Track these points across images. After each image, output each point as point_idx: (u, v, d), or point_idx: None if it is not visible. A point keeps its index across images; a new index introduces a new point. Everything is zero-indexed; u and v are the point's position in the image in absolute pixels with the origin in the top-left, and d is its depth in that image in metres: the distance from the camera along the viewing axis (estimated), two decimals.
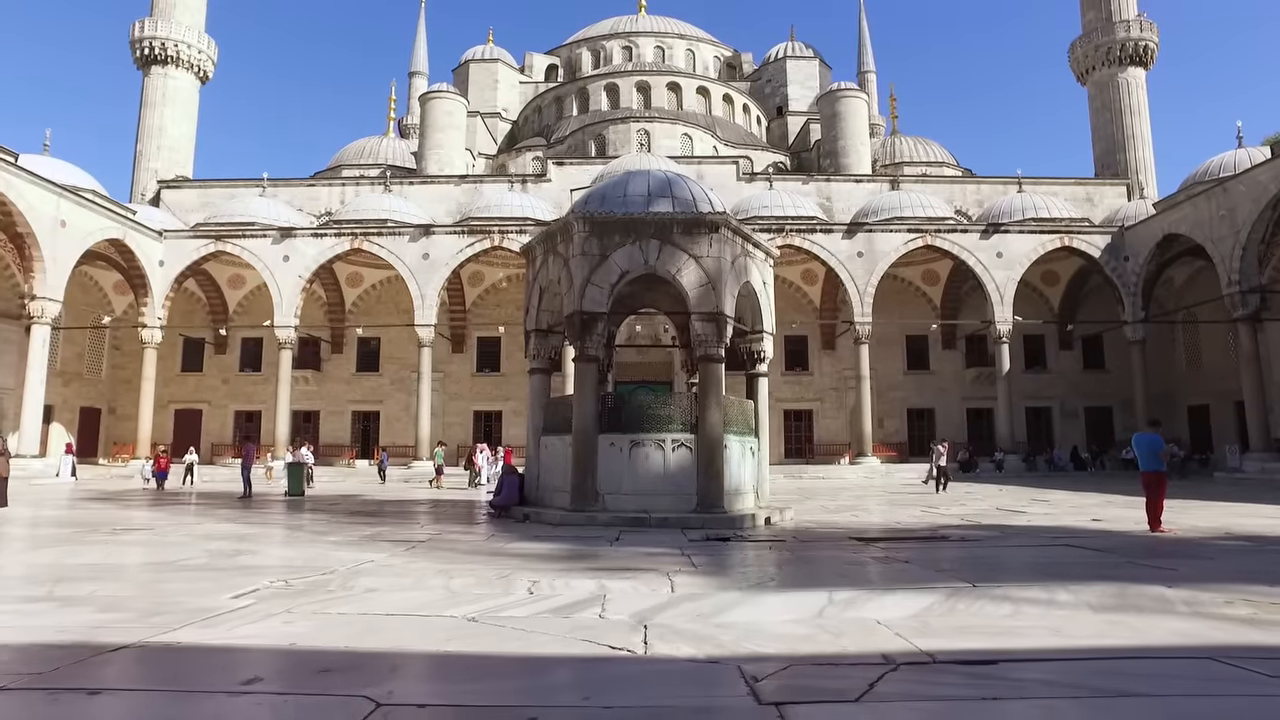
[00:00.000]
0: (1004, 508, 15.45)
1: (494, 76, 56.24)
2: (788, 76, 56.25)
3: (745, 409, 14.09)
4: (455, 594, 5.91)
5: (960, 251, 34.01)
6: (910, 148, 49.96)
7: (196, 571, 6.98)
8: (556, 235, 13.55)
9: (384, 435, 38.69)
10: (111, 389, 37.71)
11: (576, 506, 12.32)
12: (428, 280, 33.83)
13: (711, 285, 12.64)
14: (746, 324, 14.46)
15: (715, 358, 12.71)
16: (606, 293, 12.64)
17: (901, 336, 38.68)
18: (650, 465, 12.57)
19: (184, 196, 40.43)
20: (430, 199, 39.51)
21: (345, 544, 9.20)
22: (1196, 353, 36.42)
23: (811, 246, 34.25)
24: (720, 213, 13.05)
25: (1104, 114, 44.03)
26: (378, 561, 7.70)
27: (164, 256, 33.61)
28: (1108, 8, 44.28)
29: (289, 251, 33.83)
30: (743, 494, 13.38)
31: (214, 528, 11.21)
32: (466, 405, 39.13)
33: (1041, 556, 8.25)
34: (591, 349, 12.71)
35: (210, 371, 39.23)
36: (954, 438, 38.16)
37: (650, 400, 13.13)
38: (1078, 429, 38.16)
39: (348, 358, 39.55)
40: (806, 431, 38.97)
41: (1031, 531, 10.81)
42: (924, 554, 8.45)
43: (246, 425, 39.04)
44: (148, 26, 43.00)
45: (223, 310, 38.91)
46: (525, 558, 8.07)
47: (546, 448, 13.93)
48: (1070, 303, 38.28)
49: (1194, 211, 29.90)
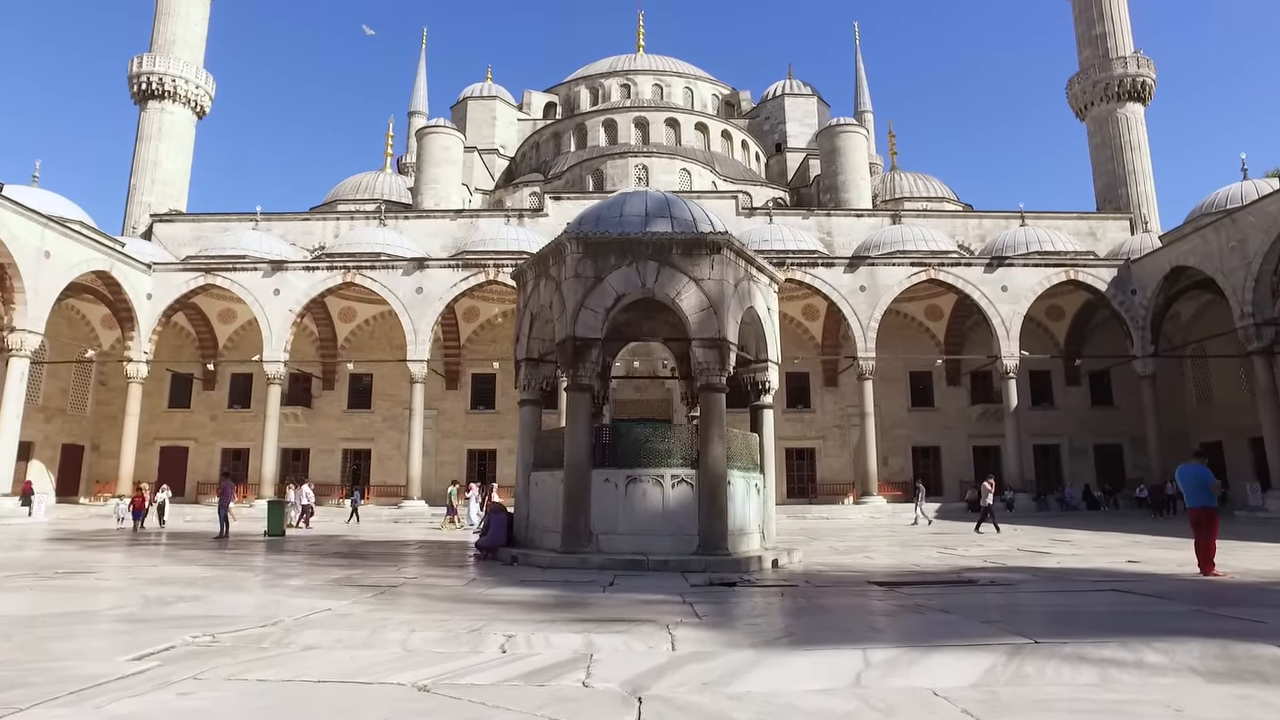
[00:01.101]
0: (1025, 548, 14.46)
1: (492, 113, 56.27)
2: (786, 114, 56.33)
3: (750, 443, 13.19)
4: (412, 653, 4.96)
5: (964, 285, 33.37)
6: (910, 183, 49.70)
7: (113, 624, 6.00)
8: (549, 258, 12.78)
9: (375, 474, 37.61)
10: (96, 425, 36.68)
11: (568, 548, 11.35)
12: (421, 315, 33.09)
13: (713, 309, 11.84)
14: (750, 352, 13.64)
15: (717, 387, 11.85)
16: (601, 317, 11.83)
17: (905, 373, 37.85)
18: (648, 503, 11.63)
19: (176, 230, 39.87)
20: (426, 233, 38.95)
21: (307, 589, 8.24)
22: (1207, 388, 35.59)
23: (813, 280, 33.61)
24: (722, 233, 12.31)
25: (1104, 150, 43.82)
26: (335, 610, 6.75)
27: (152, 289, 32.90)
28: (1104, 45, 44.36)
29: (280, 285, 33.13)
30: (748, 534, 12.42)
31: (169, 571, 10.23)
32: (460, 443, 38.10)
33: (1094, 604, 7.28)
34: (585, 377, 11.86)
35: (198, 408, 38.26)
36: (961, 476, 37.23)
37: (648, 433, 12.22)
38: (1087, 467, 37.12)
39: (339, 394, 38.62)
40: (809, 470, 37.89)
41: (1066, 575, 9.84)
42: (958, 600, 7.49)
43: (234, 463, 37.92)
44: (146, 62, 42.93)
45: (212, 345, 38.10)
46: (504, 606, 7.13)
47: (537, 484, 13.00)
48: (1076, 338, 37.54)
49: (1203, 243, 29.32)
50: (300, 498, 25.37)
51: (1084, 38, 45.47)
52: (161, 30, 44.15)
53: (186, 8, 44.88)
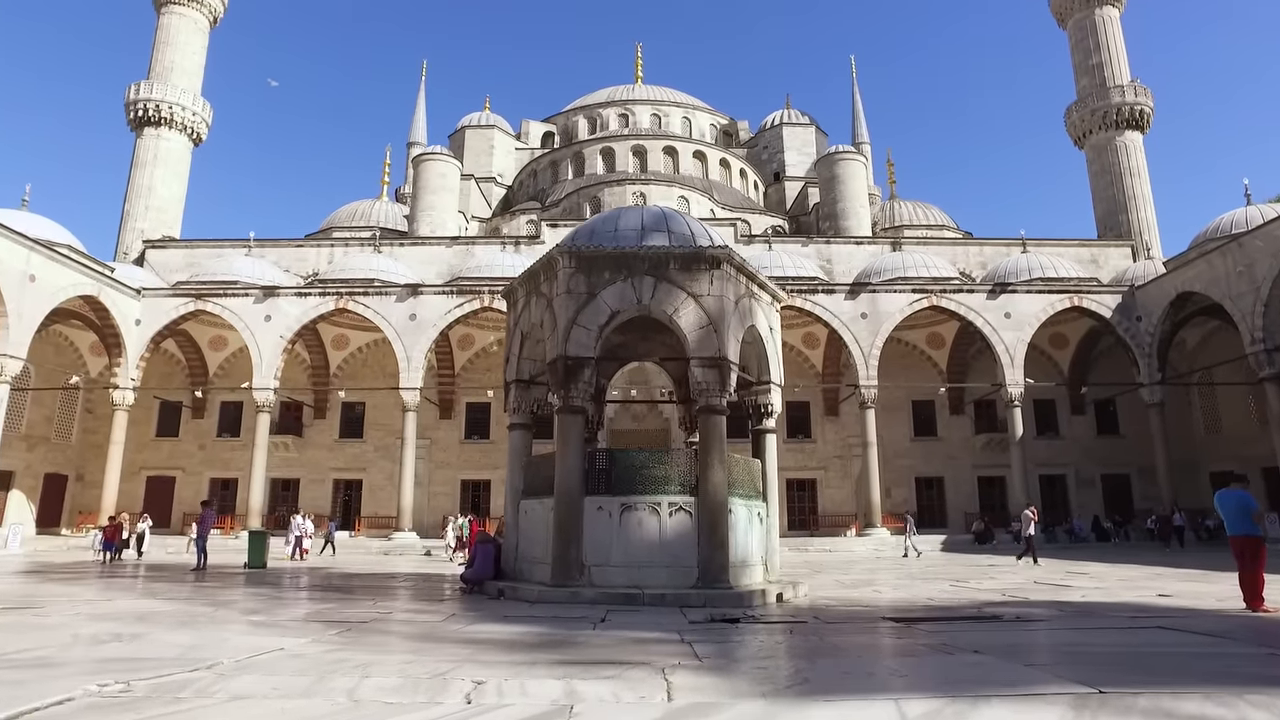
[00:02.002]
0: (1042, 581, 13.68)
1: (490, 142, 56.22)
2: (784, 143, 56.29)
3: (752, 469, 12.48)
4: (358, 704, 4.21)
5: (967, 312, 32.83)
6: (910, 211, 49.48)
7: (19, 670, 5.18)
8: (540, 273, 12.19)
9: (367, 505, 36.72)
10: (81, 454, 35.82)
11: (558, 581, 10.59)
12: (414, 341, 32.48)
13: (713, 327, 11.21)
14: (752, 374, 12.99)
15: (718, 409, 11.18)
16: (594, 335, 11.20)
17: (907, 402, 37.18)
18: (644, 533, 10.89)
19: (169, 257, 39.37)
20: (421, 260, 38.45)
21: (263, 626, 7.48)
22: (1215, 417, 34.93)
23: (813, 308, 33.07)
24: (722, 247, 11.73)
25: (1103, 177, 43.64)
26: (287, 650, 6.00)
27: (141, 315, 32.28)
28: (1101, 74, 44.41)
29: (271, 311, 32.55)
30: (750, 566, 11.66)
31: (122, 605, 9.44)
32: (454, 474, 37.27)
33: (1146, 644, 6.49)
34: (576, 398, 11.19)
35: (186, 437, 37.45)
36: (965, 507, 36.37)
37: (644, 458, 11.51)
38: (1094, 498, 36.27)
39: (331, 423, 37.85)
40: (810, 502, 37.01)
41: (1097, 610, 9.08)
42: (988, 639, 6.75)
43: (222, 493, 36.95)
44: (143, 89, 42.82)
45: (203, 373, 37.41)
46: (481, 645, 6.38)
47: (526, 513, 12.26)
48: (1080, 366, 36.92)
49: (1209, 269, 28.85)
50: (294, 529, 24.64)
51: (1081, 67, 45.56)
52: (160, 58, 44.13)
53: (186, 36, 44.93)
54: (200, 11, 45.65)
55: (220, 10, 46.99)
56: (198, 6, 45.45)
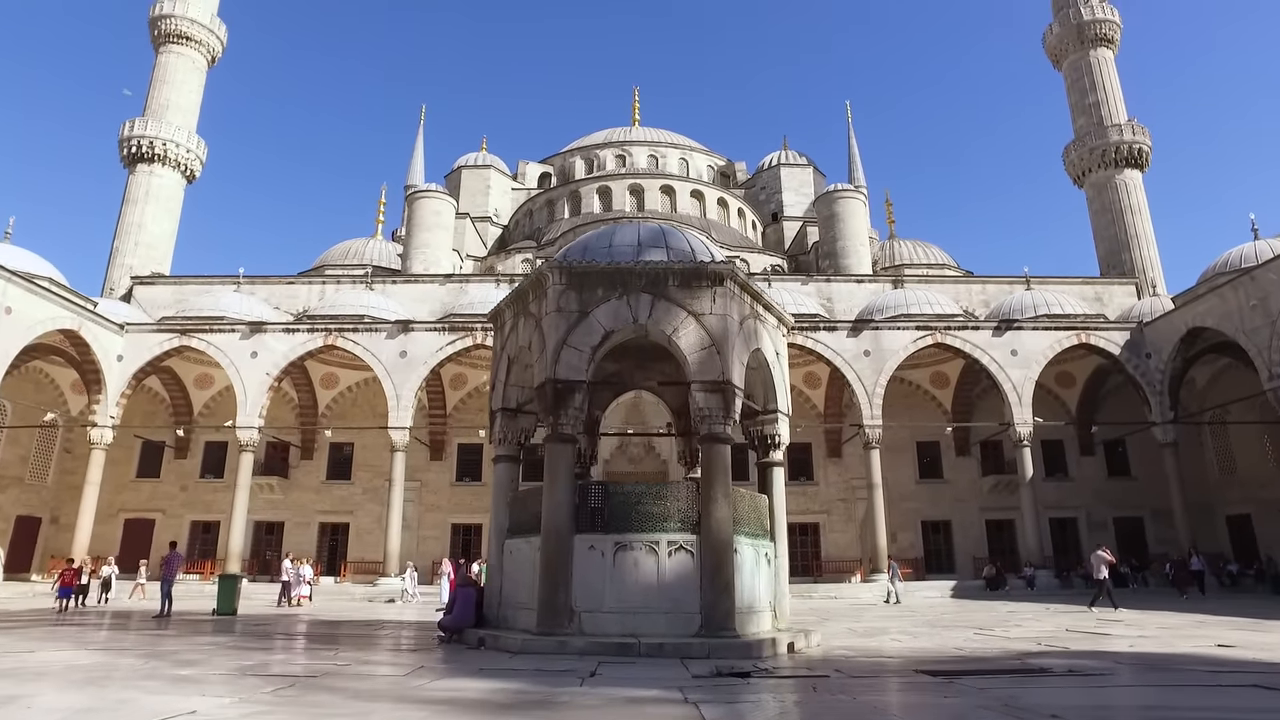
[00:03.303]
0: (1074, 629, 12.56)
1: (486, 182, 56.00)
2: (782, 183, 56.14)
3: (758, 505, 11.44)
4: None
5: (972, 350, 32.00)
6: (910, 250, 49.02)
7: None
8: (528, 292, 11.32)
9: (353, 549, 35.31)
10: (57, 496, 34.48)
11: (544, 628, 9.48)
12: (404, 379, 31.51)
13: (716, 348, 10.30)
14: (757, 402, 12.04)
15: (721, 437, 10.20)
16: (587, 357, 10.27)
17: (912, 443, 36.12)
18: (640, 575, 9.82)
19: (157, 293, 38.53)
20: (414, 298, 37.65)
21: (185, 683, 6.40)
22: (1229, 457, 33.85)
23: (815, 345, 32.22)
24: (725, 262, 10.89)
25: (1104, 215, 43.28)
26: (200, 713, 4.95)
27: (124, 351, 31.31)
28: (1098, 114, 44.39)
29: (257, 347, 31.62)
30: (758, 612, 10.56)
31: (37, 659, 8.25)
32: (444, 517, 35.95)
33: (1252, 709, 5.36)
34: (566, 426, 10.21)
35: (168, 478, 36.14)
36: (974, 552, 35.08)
37: (641, 492, 10.48)
38: (1107, 542, 34.74)
39: (318, 464, 36.63)
40: (813, 546, 35.67)
41: (1162, 663, 8.00)
42: (1059, 699, 5.67)
43: (203, 537, 35.66)
44: (138, 126, 42.53)
45: (187, 412, 36.28)
46: (441, 707, 5.33)
47: (511, 553, 11.18)
48: (1088, 406, 35.97)
49: (1220, 303, 28.12)
50: (283, 574, 23.58)
51: (1077, 106, 45.58)
52: (156, 95, 43.96)
53: (183, 75, 44.85)
54: (199, 51, 45.68)
55: (219, 50, 47.05)
56: (196, 46, 45.50)
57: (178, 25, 44.79)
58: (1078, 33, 45.89)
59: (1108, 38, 45.97)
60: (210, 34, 45.98)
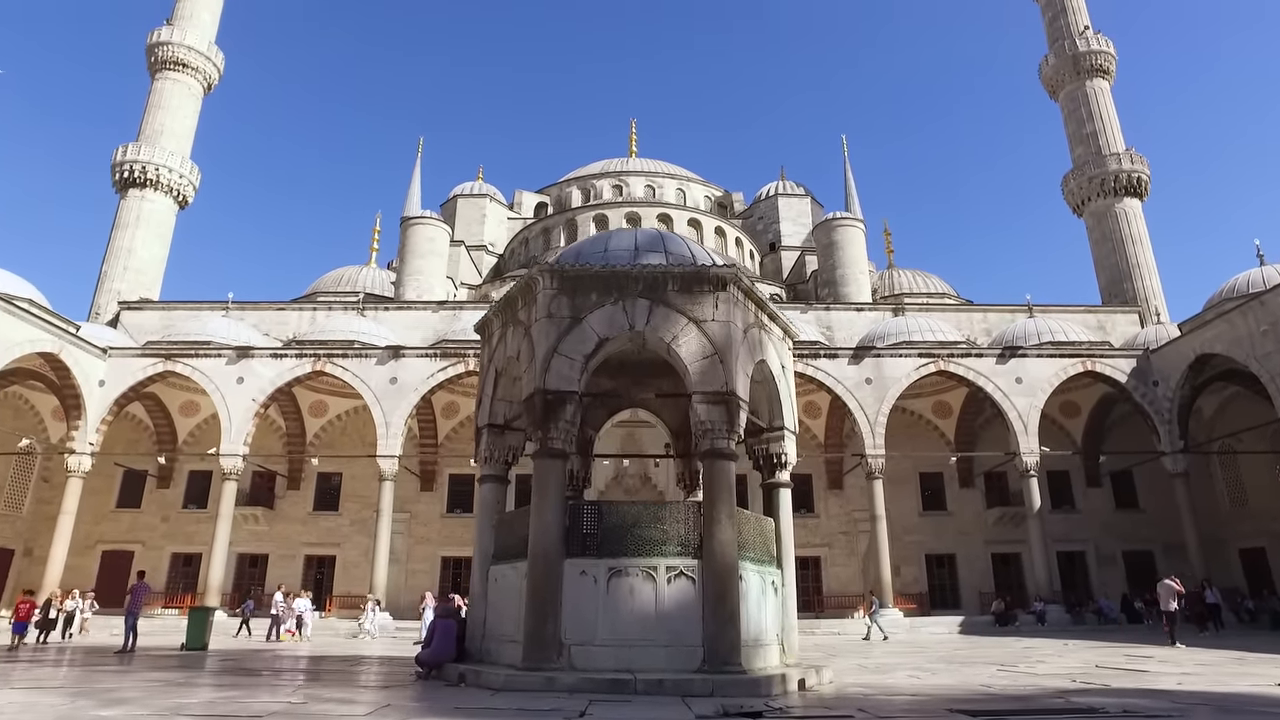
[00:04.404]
0: (1106, 666, 11.66)
1: (482, 211, 55.66)
2: (780, 213, 55.86)
3: (764, 529, 10.60)
4: None
5: (976, 377, 31.28)
6: (909, 280, 48.60)
7: None
8: (517, 299, 10.60)
9: (340, 583, 34.10)
10: (33, 527, 33.29)
11: (530, 663, 8.58)
12: (394, 406, 30.64)
13: (718, 357, 9.56)
14: (762, 418, 11.26)
15: (725, 452, 9.42)
16: (579, 366, 9.52)
17: (914, 474, 35.22)
18: (636, 603, 8.97)
19: (144, 319, 37.74)
20: (406, 325, 36.89)
21: None
22: (1240, 489, 32.98)
23: (815, 373, 31.50)
24: (728, 266, 10.18)
25: (1105, 244, 42.98)
26: None
27: (106, 376, 30.44)
28: (1096, 143, 44.36)
29: (244, 373, 30.79)
30: (764, 646, 9.67)
31: None
32: (434, 550, 34.81)
33: None
34: (557, 440, 9.41)
35: (149, 508, 34.97)
36: (980, 586, 34.00)
37: (637, 512, 9.66)
38: (1117, 576, 33.94)
39: (305, 495, 35.55)
40: (814, 581, 34.51)
41: (1226, 703, 7.16)
42: None
43: (184, 570, 34.42)
44: (131, 151, 42.18)
45: (171, 441, 35.27)
46: None
47: (497, 581, 10.30)
48: (1094, 436, 35.16)
49: (1230, 329, 27.53)
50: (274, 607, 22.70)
51: (1075, 136, 45.57)
52: (150, 121, 43.71)
53: (178, 101, 44.68)
54: (195, 78, 45.58)
55: (215, 78, 46.97)
56: (193, 73, 45.41)
57: (175, 52, 44.73)
58: (1073, 64, 46.08)
59: (1103, 68, 46.14)
60: (207, 61, 45.93)
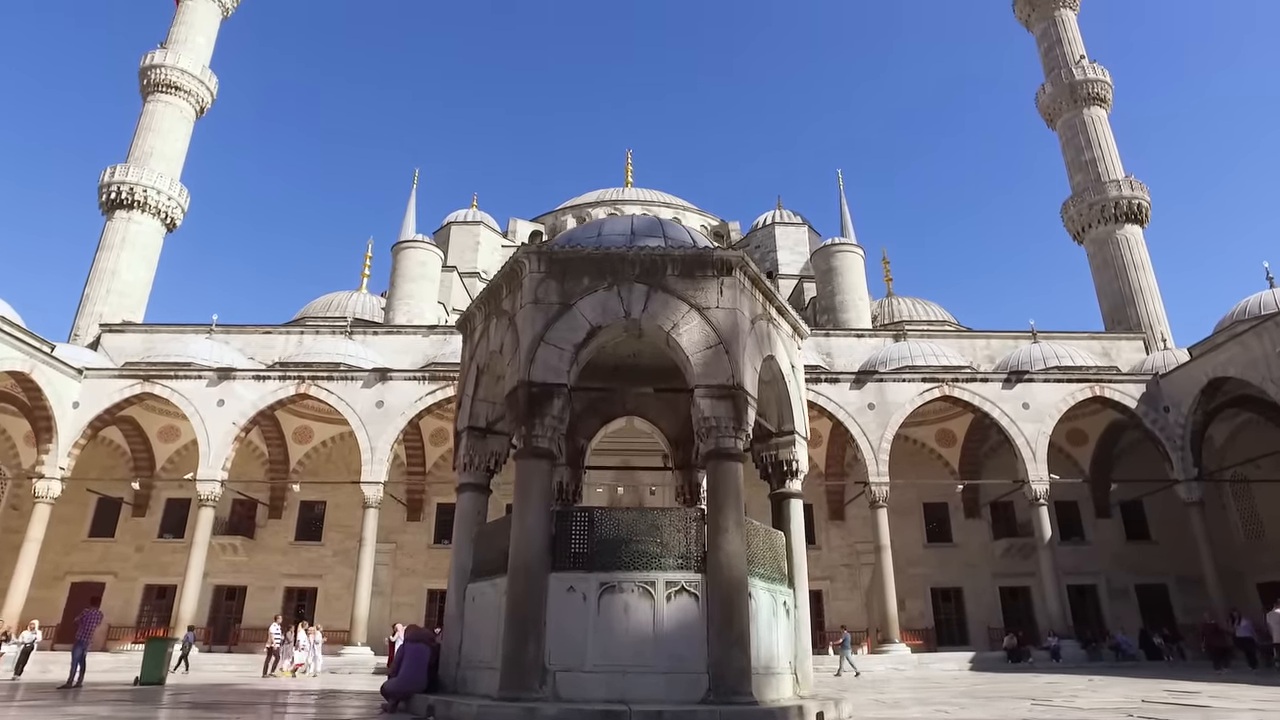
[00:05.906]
0: (1152, 700, 10.52)
1: (475, 238, 54.96)
2: (777, 242, 55.34)
3: (774, 542, 9.51)
4: None
5: (982, 403, 30.28)
6: (909, 307, 47.87)
7: None
8: (501, 287, 9.64)
9: (321, 615, 32.42)
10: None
11: (508, 692, 7.44)
12: (380, 431, 29.48)
13: (723, 347, 8.58)
14: (771, 422, 10.25)
15: (732, 453, 8.38)
16: (568, 356, 8.52)
17: (918, 504, 34.01)
18: (632, 624, 7.85)
19: (126, 342, 36.62)
20: (395, 350, 35.86)
21: None
22: (1256, 521, 31.86)
23: (816, 398, 30.42)
24: (734, 249, 9.24)
25: (1106, 271, 42.41)
26: None
27: (80, 397, 29.24)
28: (1095, 170, 44.06)
29: (225, 395, 29.63)
30: (776, 674, 8.53)
31: None
32: (420, 582, 33.32)
33: None
34: (542, 438, 8.37)
35: (123, 537, 33.47)
36: (988, 621, 32.63)
37: (633, 521, 8.58)
38: (1130, 610, 32.56)
39: (286, 524, 34.13)
40: (816, 615, 33.03)
41: None
42: None
43: (157, 602, 32.82)
44: (119, 172, 41.50)
45: (149, 467, 33.91)
46: None
47: (474, 600, 9.17)
48: (1102, 465, 34.08)
49: (1243, 351, 26.67)
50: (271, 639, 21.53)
51: (1074, 163, 45.28)
52: (140, 143, 43.12)
53: (170, 123, 44.17)
54: (188, 101, 45.14)
55: (208, 101, 46.55)
56: (185, 96, 44.98)
57: (168, 75, 44.34)
58: (1070, 92, 45.99)
59: (1100, 97, 46.06)
60: (200, 85, 45.54)
